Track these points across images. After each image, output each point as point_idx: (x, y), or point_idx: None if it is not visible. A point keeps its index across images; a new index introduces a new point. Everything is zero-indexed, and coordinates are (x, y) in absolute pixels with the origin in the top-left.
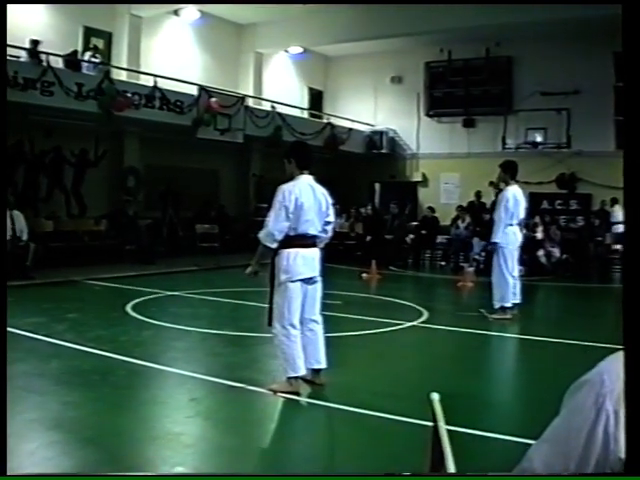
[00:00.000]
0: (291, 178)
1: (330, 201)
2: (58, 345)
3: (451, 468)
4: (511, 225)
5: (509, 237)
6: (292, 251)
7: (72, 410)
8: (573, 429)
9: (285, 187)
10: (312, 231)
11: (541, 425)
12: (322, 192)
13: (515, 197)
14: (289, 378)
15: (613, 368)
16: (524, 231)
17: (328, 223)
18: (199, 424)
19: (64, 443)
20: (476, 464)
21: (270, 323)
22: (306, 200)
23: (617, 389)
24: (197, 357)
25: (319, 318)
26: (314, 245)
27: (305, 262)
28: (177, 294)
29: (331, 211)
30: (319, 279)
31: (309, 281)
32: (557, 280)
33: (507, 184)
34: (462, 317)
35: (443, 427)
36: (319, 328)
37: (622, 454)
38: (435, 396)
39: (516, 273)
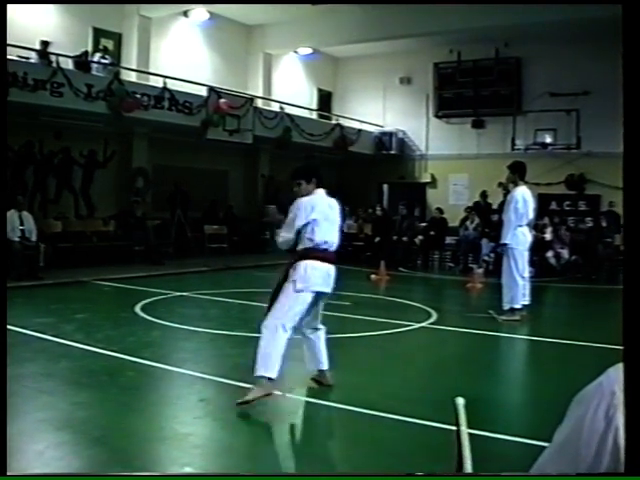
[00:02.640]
0: (306, 195)
1: (339, 210)
2: (67, 345)
3: (468, 470)
4: (520, 226)
5: (519, 238)
6: (309, 262)
7: (81, 410)
8: (583, 439)
9: (305, 200)
10: (330, 243)
11: (552, 427)
12: (335, 204)
13: (524, 198)
14: (260, 377)
15: (624, 378)
16: (533, 232)
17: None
18: (208, 425)
19: (73, 443)
20: (488, 466)
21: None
22: (323, 213)
23: None
24: (206, 358)
25: (321, 325)
26: (331, 259)
27: (321, 275)
28: (186, 295)
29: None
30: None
31: (322, 295)
32: (566, 281)
33: (516, 185)
34: (471, 318)
35: (465, 431)
36: (322, 332)
37: None
38: (460, 400)
39: (526, 274)
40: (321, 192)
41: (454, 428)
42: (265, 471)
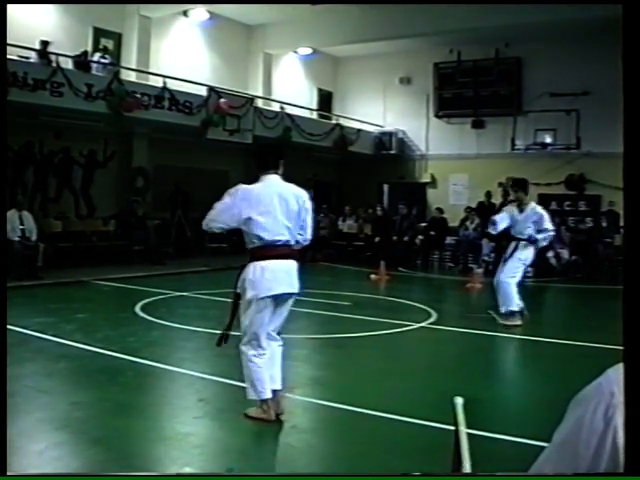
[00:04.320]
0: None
1: (306, 202)
2: (67, 345)
3: (467, 470)
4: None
5: (530, 252)
6: (258, 264)
7: (80, 410)
8: (582, 440)
9: (242, 190)
10: (280, 238)
11: (552, 428)
12: (293, 192)
13: None
14: (262, 401)
15: (622, 379)
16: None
17: (303, 227)
18: (207, 424)
19: (72, 443)
20: (487, 466)
21: (219, 343)
22: (271, 205)
23: None
24: (206, 358)
25: (278, 337)
26: (289, 254)
27: (275, 276)
28: (186, 295)
29: (308, 214)
30: (293, 297)
31: (282, 297)
32: (566, 281)
33: (524, 201)
34: (471, 318)
35: (464, 431)
36: (277, 345)
37: None
38: (459, 400)
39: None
40: (272, 178)
41: (453, 428)
42: (265, 471)
